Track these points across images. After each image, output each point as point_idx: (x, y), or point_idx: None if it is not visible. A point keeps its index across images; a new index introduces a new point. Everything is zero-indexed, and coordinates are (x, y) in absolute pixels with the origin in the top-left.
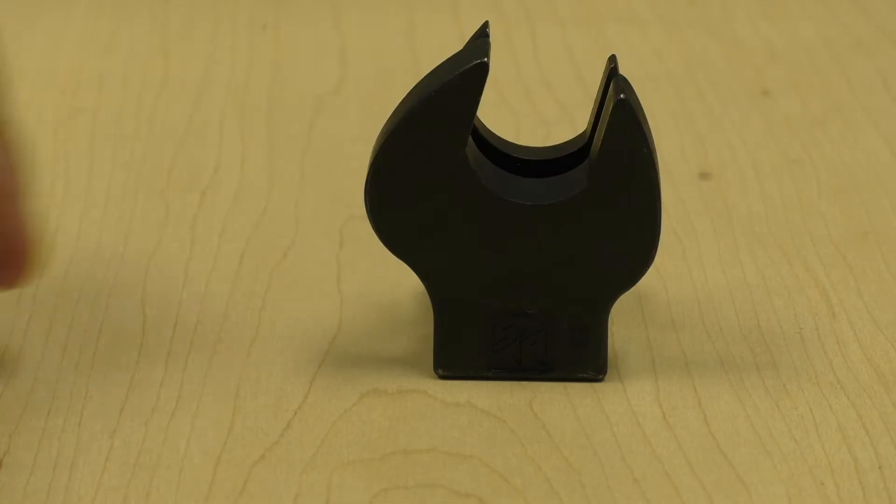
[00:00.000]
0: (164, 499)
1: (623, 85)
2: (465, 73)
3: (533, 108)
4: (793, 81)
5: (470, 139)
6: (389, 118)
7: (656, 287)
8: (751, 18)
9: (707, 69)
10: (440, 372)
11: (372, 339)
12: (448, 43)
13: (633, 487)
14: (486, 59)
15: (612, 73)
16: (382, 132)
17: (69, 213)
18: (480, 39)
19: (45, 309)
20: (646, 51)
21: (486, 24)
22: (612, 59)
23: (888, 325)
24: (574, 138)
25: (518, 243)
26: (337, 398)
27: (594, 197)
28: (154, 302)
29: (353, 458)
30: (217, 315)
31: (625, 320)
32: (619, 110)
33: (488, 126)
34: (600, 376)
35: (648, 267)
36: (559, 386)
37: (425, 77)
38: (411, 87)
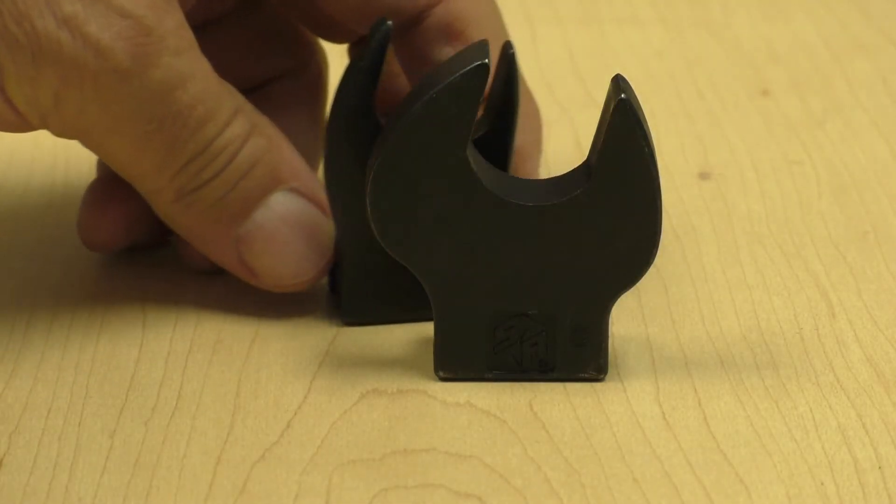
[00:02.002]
0: (164, 499)
1: (623, 85)
2: (466, 74)
3: None
4: (793, 81)
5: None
6: (390, 119)
7: (656, 287)
8: (751, 18)
9: (707, 69)
10: (441, 374)
11: (372, 339)
12: None
13: (633, 487)
14: (486, 60)
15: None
16: (383, 134)
17: (68, 213)
18: (481, 40)
19: (45, 309)
20: (646, 51)
21: None
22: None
23: (888, 325)
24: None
25: (519, 244)
26: (337, 398)
27: (594, 197)
28: (154, 302)
29: (353, 458)
30: (217, 315)
31: (625, 320)
32: (619, 110)
33: None
34: (600, 376)
35: (648, 267)
36: (559, 386)
37: (426, 78)
38: (412, 89)
